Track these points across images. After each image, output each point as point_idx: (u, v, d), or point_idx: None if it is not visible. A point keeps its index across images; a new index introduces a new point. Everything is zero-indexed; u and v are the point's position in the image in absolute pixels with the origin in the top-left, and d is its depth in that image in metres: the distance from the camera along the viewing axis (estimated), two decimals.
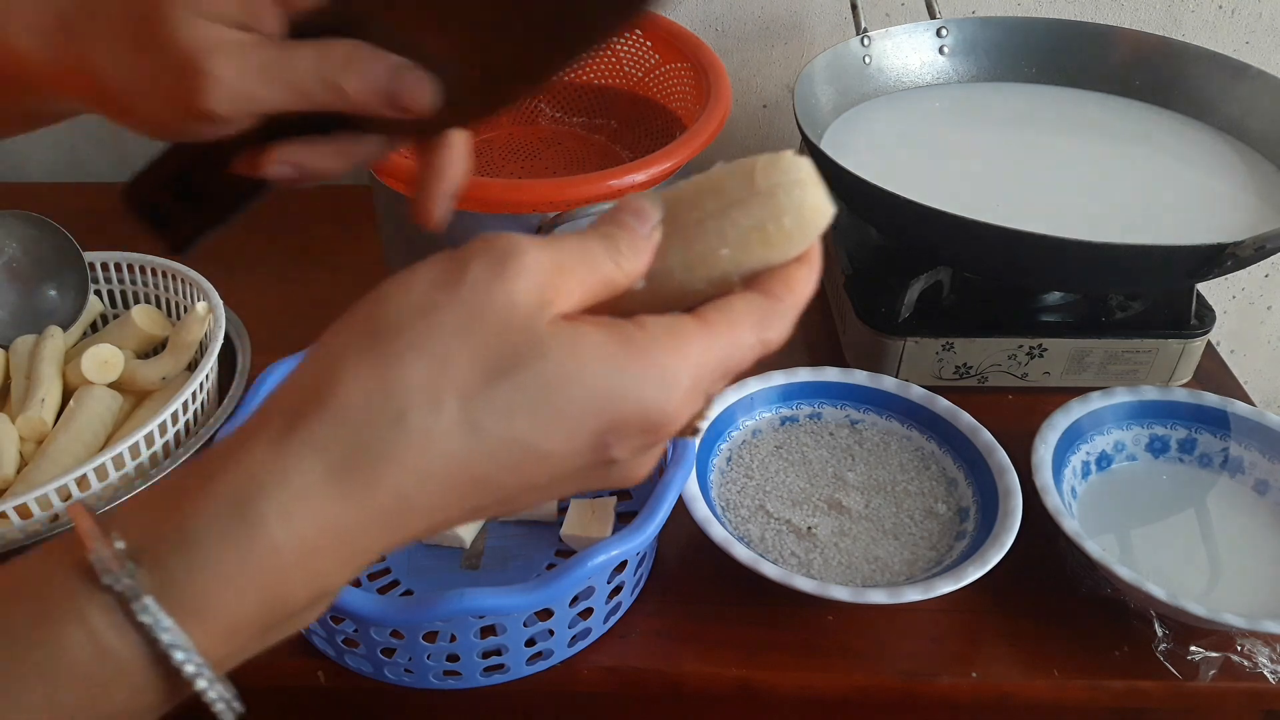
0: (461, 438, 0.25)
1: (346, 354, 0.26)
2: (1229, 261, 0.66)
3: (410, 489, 0.25)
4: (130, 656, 0.24)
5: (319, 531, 0.25)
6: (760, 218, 0.30)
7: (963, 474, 0.67)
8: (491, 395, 0.26)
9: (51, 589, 0.24)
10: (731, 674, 0.59)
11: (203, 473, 0.25)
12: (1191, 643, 0.59)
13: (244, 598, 0.25)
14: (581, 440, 0.27)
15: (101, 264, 0.80)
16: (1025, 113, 0.91)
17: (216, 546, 0.24)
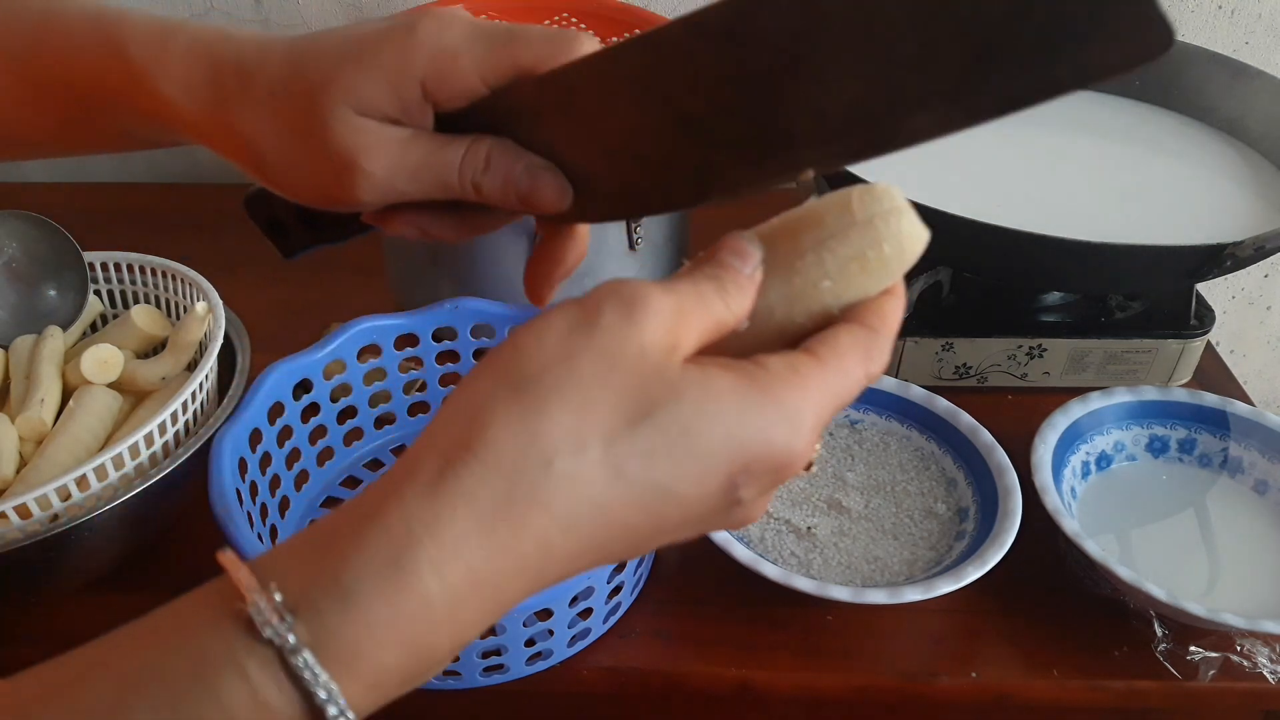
0: (605, 482, 0.26)
1: (493, 403, 0.26)
2: (1228, 262, 0.66)
3: (555, 537, 0.26)
4: (285, 709, 0.24)
5: (469, 583, 0.25)
6: (860, 246, 0.30)
7: (962, 474, 0.67)
8: (634, 439, 0.26)
9: (210, 639, 0.24)
10: (731, 674, 0.59)
11: (355, 521, 0.26)
12: (1191, 643, 0.59)
13: (394, 650, 0.25)
14: (716, 483, 0.27)
15: (101, 264, 0.80)
16: (1025, 113, 0.91)
17: (372, 599, 0.24)
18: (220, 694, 0.24)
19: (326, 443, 0.70)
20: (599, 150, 0.34)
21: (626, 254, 0.78)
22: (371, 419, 0.72)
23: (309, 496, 0.68)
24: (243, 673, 0.24)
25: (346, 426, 0.71)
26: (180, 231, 0.98)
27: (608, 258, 0.77)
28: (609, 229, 0.75)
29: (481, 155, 0.35)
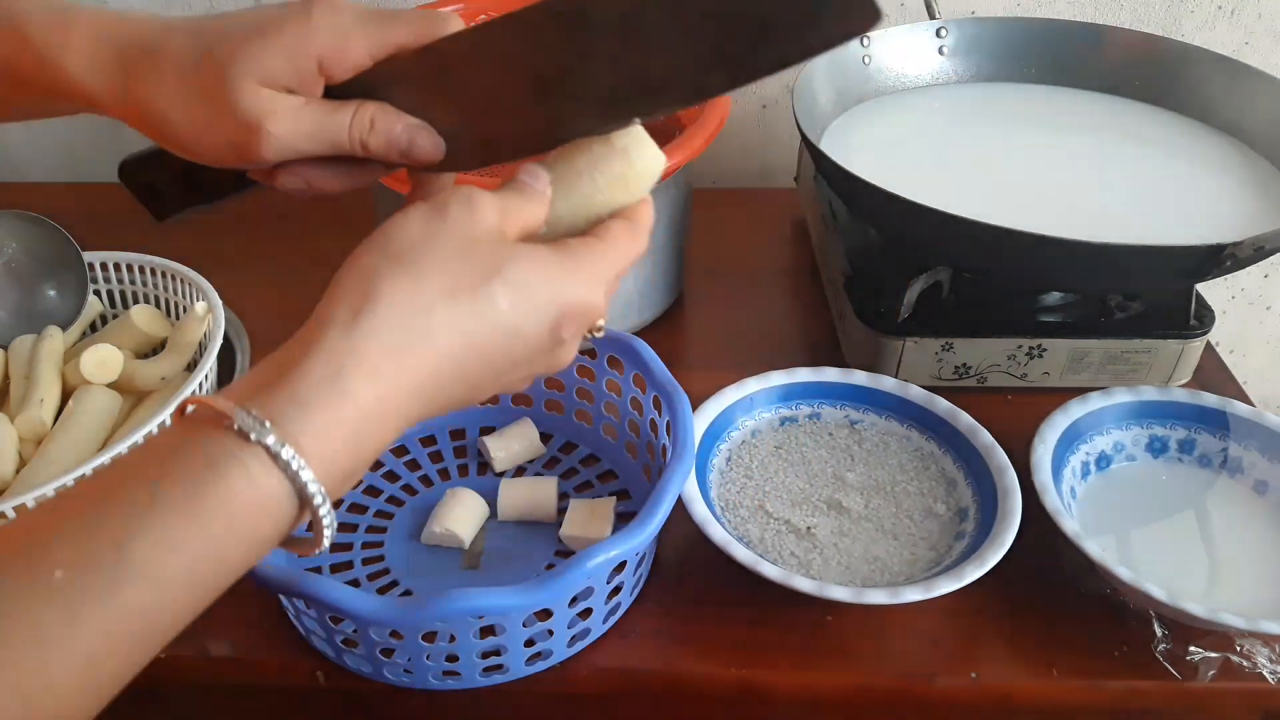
0: (474, 323, 0.35)
1: (381, 269, 0.35)
2: (1228, 262, 0.66)
3: (442, 365, 0.35)
4: (278, 491, 0.32)
5: (385, 398, 0.34)
6: (620, 169, 0.41)
7: (962, 474, 0.67)
8: (490, 291, 0.35)
9: (213, 447, 0.31)
10: (731, 674, 0.59)
11: (293, 359, 0.33)
12: (1191, 643, 0.59)
13: (341, 447, 0.33)
14: (547, 325, 0.37)
15: (101, 264, 0.80)
16: (1024, 113, 0.91)
17: (322, 408, 0.32)
18: (231, 483, 0.31)
19: None
20: (467, 109, 0.42)
21: None
22: None
23: None
24: (244, 467, 0.31)
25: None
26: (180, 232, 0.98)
27: None
28: None
29: (367, 117, 0.41)
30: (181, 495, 0.30)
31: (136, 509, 0.29)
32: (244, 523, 0.31)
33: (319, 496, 0.33)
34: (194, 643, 0.59)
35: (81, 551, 0.28)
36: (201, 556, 0.30)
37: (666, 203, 0.79)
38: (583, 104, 0.40)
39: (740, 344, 0.85)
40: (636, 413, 0.69)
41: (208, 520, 0.30)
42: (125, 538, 0.29)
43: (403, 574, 0.64)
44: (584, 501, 0.66)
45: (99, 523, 0.29)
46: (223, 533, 0.31)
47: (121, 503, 0.30)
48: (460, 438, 0.74)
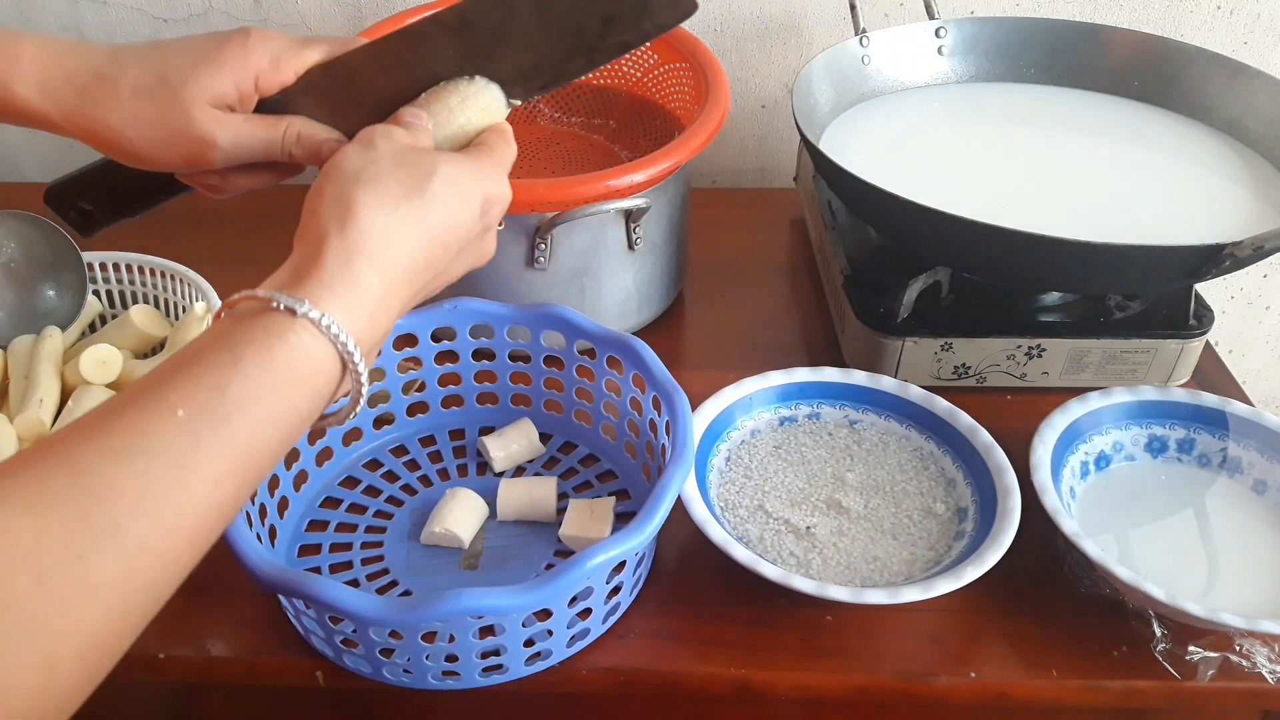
0: (426, 213, 0.43)
1: (347, 189, 0.42)
2: (1227, 262, 0.66)
3: (416, 251, 0.43)
4: (327, 353, 0.39)
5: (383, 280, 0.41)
6: (483, 102, 0.50)
7: (961, 474, 0.67)
8: (431, 188, 0.43)
9: (270, 324, 0.38)
10: (730, 674, 0.59)
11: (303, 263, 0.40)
12: (1190, 643, 0.59)
13: (363, 318, 0.40)
14: (477, 210, 0.45)
15: (100, 264, 0.80)
16: (1023, 113, 0.91)
17: (343, 290, 0.40)
18: (289, 351, 0.38)
19: (325, 443, 0.70)
20: (371, 109, 0.50)
21: (625, 253, 0.78)
22: (370, 419, 0.72)
23: (308, 496, 0.68)
24: (299, 337, 0.38)
25: (345, 427, 0.71)
26: (179, 232, 0.98)
27: (607, 258, 0.77)
28: (609, 231, 0.75)
29: (295, 132, 0.49)
30: (255, 358, 0.37)
31: (224, 368, 0.36)
32: (306, 378, 0.38)
33: (356, 355, 0.40)
34: (194, 642, 0.59)
35: (192, 397, 0.35)
36: (280, 403, 0.37)
37: (666, 202, 0.79)
38: None
39: (739, 344, 0.85)
40: (636, 413, 0.69)
41: (279, 374, 0.37)
42: (223, 385, 0.35)
43: (402, 574, 0.64)
44: (583, 501, 0.66)
45: (198, 378, 0.35)
46: (291, 385, 0.38)
47: (210, 365, 0.36)
48: (460, 438, 0.74)
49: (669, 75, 0.90)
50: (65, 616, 0.29)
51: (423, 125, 0.48)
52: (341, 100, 0.49)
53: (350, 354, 0.39)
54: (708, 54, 0.85)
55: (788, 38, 1.04)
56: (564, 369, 0.72)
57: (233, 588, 0.60)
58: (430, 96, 0.49)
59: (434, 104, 0.49)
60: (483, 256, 0.49)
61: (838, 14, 1.01)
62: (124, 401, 0.34)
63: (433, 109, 0.49)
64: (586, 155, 0.94)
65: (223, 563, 0.55)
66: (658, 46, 0.91)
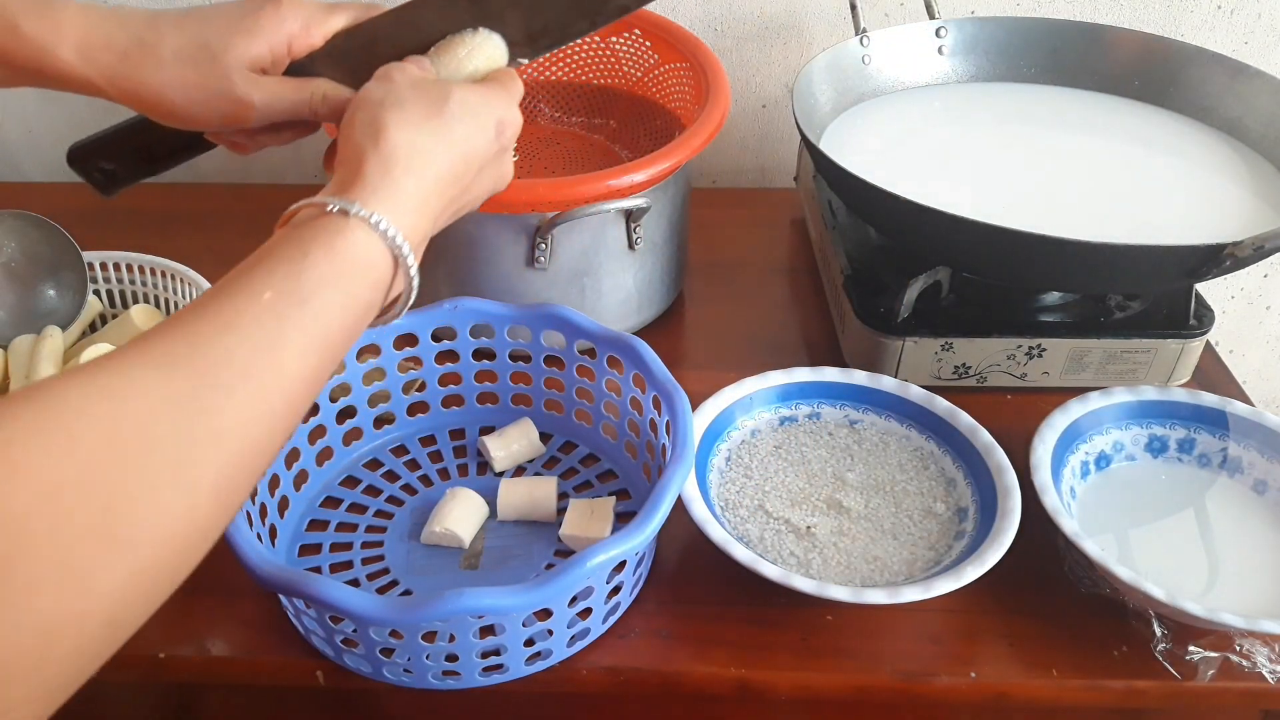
0: (447, 133, 0.47)
1: (376, 114, 0.46)
2: (1228, 261, 0.66)
3: (441, 165, 0.46)
4: (379, 250, 0.43)
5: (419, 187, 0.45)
6: (488, 50, 0.53)
7: (962, 474, 0.67)
8: (449, 111, 0.47)
9: (330, 225, 0.42)
10: (730, 674, 0.59)
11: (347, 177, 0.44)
12: (1190, 642, 0.59)
13: (407, 219, 0.44)
14: (492, 131, 0.49)
15: (100, 264, 0.80)
16: (1024, 113, 0.91)
17: (387, 196, 0.43)
18: (349, 249, 0.41)
19: (325, 443, 0.70)
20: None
21: (626, 253, 0.78)
22: (370, 419, 0.72)
23: (308, 496, 0.68)
24: (356, 236, 0.42)
25: (346, 426, 0.71)
26: (180, 231, 0.98)
27: (607, 257, 0.77)
28: (609, 231, 0.75)
29: (321, 94, 0.52)
30: (320, 251, 0.41)
31: (295, 261, 0.40)
32: (365, 269, 0.42)
33: (405, 249, 0.43)
34: (194, 642, 0.59)
35: (272, 284, 0.39)
36: (346, 289, 0.41)
37: (666, 202, 0.79)
38: None
39: (740, 344, 0.85)
40: (636, 412, 0.69)
41: (342, 264, 0.41)
42: (297, 273, 0.40)
43: (402, 574, 0.64)
44: (584, 501, 0.66)
45: (273, 269, 0.40)
46: (354, 274, 0.42)
47: (283, 259, 0.40)
48: (460, 437, 0.74)
49: (669, 75, 0.90)
50: (200, 458, 0.34)
51: (428, 67, 0.52)
52: (364, 63, 0.52)
53: (399, 248, 0.43)
54: (708, 54, 0.85)
55: (788, 37, 1.04)
56: (564, 369, 0.72)
57: (233, 587, 0.60)
58: (439, 49, 0.53)
59: (443, 55, 0.53)
60: (503, 178, 0.52)
61: (838, 14, 1.01)
62: (217, 292, 0.39)
63: (442, 59, 0.52)
64: (587, 155, 0.94)
65: (223, 562, 0.55)
66: (658, 46, 0.91)
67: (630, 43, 0.92)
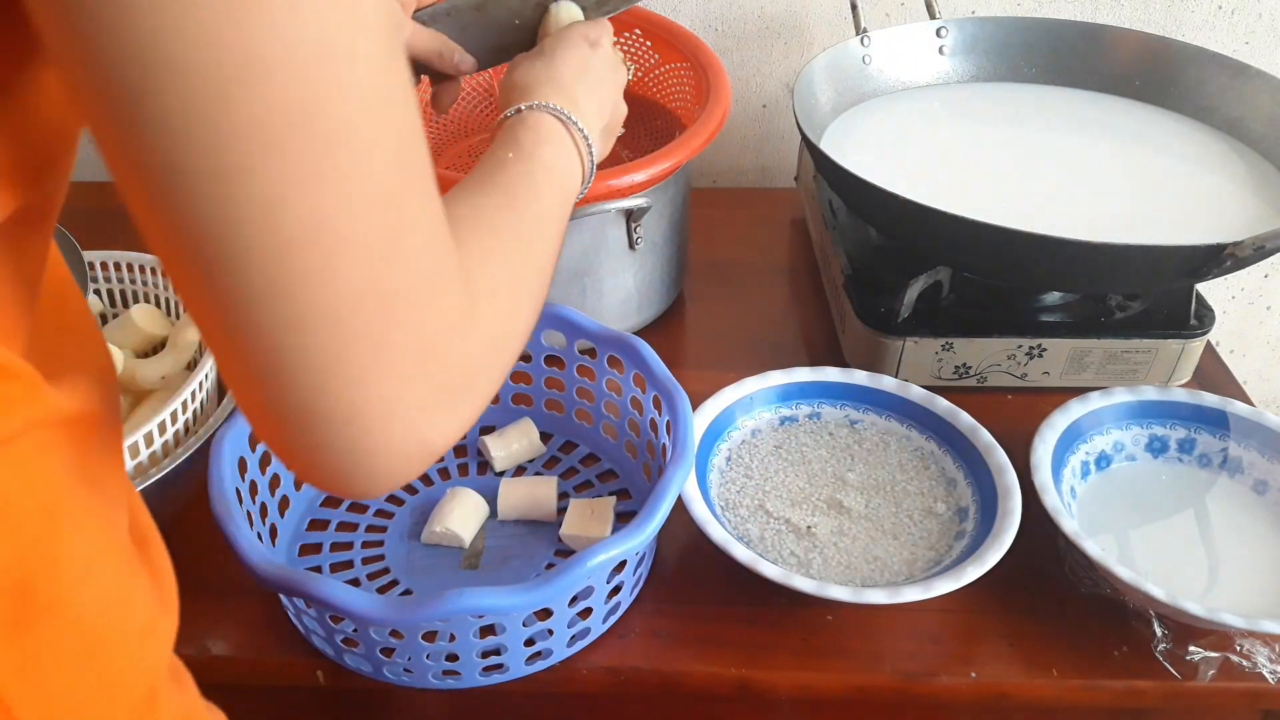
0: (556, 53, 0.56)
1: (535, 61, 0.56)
2: (1228, 262, 0.66)
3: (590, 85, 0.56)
4: (567, 138, 0.52)
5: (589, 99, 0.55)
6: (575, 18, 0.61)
7: (962, 474, 0.67)
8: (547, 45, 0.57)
9: (539, 115, 0.52)
10: (731, 674, 0.59)
11: (528, 94, 0.53)
12: (1190, 642, 0.59)
13: (592, 121, 0.54)
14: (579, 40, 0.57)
15: (101, 263, 0.80)
16: (1025, 113, 0.91)
17: (568, 103, 0.53)
18: (565, 147, 0.52)
19: None
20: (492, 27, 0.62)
21: (626, 253, 0.78)
22: None
23: (309, 496, 0.68)
24: (567, 137, 0.52)
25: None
26: None
27: (608, 257, 0.77)
28: (609, 231, 0.75)
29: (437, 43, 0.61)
30: (542, 134, 0.51)
31: (530, 145, 0.50)
32: (577, 159, 0.52)
33: (588, 136, 0.53)
34: (195, 641, 0.59)
35: (521, 156, 0.49)
36: (567, 165, 0.51)
37: (666, 202, 0.79)
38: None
39: (740, 343, 0.85)
40: (636, 412, 0.69)
41: (565, 152, 0.52)
42: (536, 151, 0.50)
43: (403, 573, 0.64)
44: (584, 501, 0.66)
45: (521, 147, 0.50)
46: (572, 160, 0.52)
47: (523, 142, 0.50)
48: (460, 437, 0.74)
49: (670, 75, 0.90)
50: (530, 269, 0.44)
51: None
52: (472, 22, 0.62)
53: (583, 133, 0.53)
54: (709, 53, 0.85)
55: (789, 37, 1.04)
56: (565, 368, 0.72)
57: (234, 587, 0.60)
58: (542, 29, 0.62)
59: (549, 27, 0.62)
60: (618, 68, 0.60)
61: (839, 13, 1.01)
62: (490, 168, 0.48)
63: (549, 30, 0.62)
64: None
65: (224, 562, 0.55)
66: (659, 46, 0.91)
67: (631, 42, 0.93)
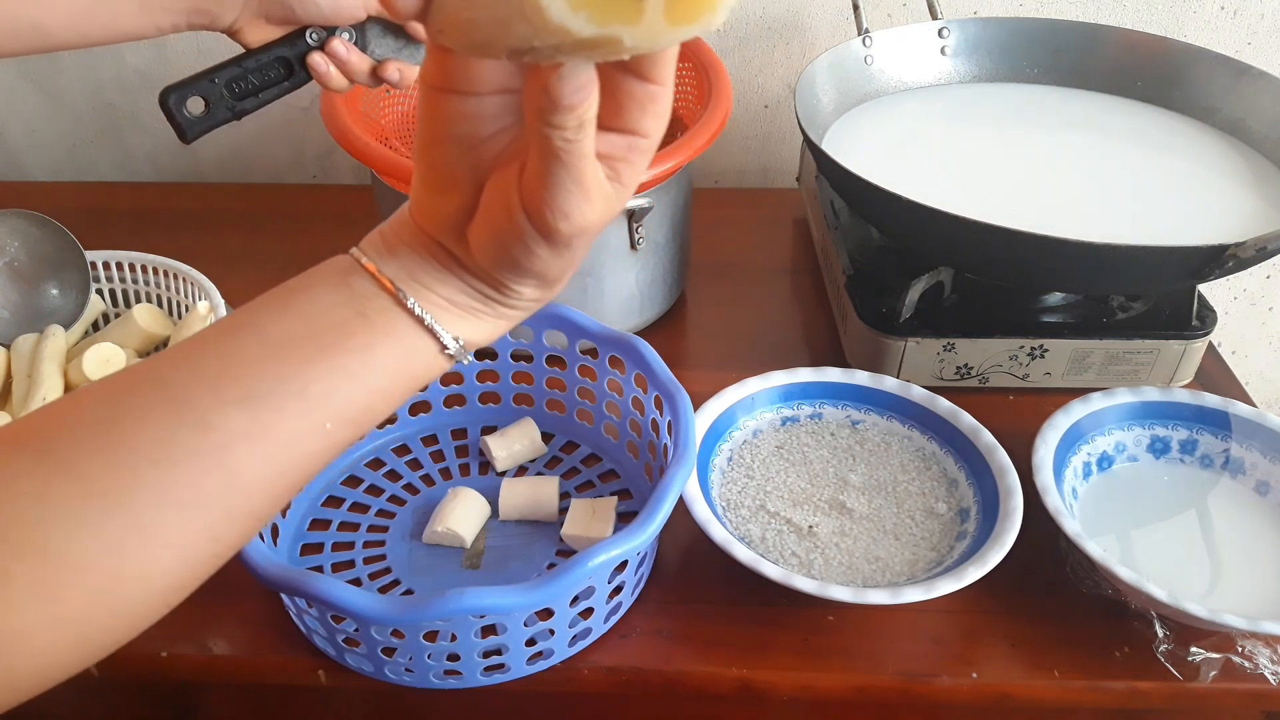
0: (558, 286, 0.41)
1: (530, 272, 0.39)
2: (1230, 262, 0.65)
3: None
4: (425, 348, 0.37)
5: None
6: None
7: (964, 474, 0.67)
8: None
9: (373, 316, 0.37)
10: (732, 674, 0.59)
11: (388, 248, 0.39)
12: (1192, 644, 0.59)
13: (457, 321, 0.38)
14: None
15: (103, 263, 0.80)
16: (1026, 113, 0.91)
17: (435, 292, 0.38)
18: (392, 342, 0.37)
19: None
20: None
21: (628, 254, 0.78)
22: None
23: (310, 495, 0.68)
24: (400, 336, 0.37)
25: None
26: (182, 230, 0.98)
27: (610, 257, 0.77)
28: (611, 231, 0.75)
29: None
30: (359, 345, 0.36)
31: (328, 356, 0.36)
32: (404, 365, 0.38)
33: (454, 347, 0.39)
34: (196, 641, 0.59)
35: (316, 385, 0.35)
36: (387, 381, 0.38)
37: (668, 202, 0.79)
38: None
39: (742, 344, 0.85)
40: (638, 412, 0.69)
41: (377, 366, 0.37)
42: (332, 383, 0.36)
43: (404, 573, 0.64)
44: (585, 501, 0.66)
45: (314, 363, 0.36)
46: (391, 368, 0.37)
47: (318, 350, 0.36)
48: (462, 437, 0.74)
49: None
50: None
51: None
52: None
53: (454, 353, 0.40)
54: (710, 54, 0.85)
55: (791, 38, 1.04)
56: (566, 369, 0.72)
57: (235, 586, 0.60)
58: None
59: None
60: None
61: (841, 14, 1.01)
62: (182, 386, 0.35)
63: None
64: None
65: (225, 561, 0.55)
66: None
67: None
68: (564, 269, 0.38)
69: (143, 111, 1.09)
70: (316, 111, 1.07)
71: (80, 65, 1.06)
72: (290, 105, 1.08)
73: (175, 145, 1.11)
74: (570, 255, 0.37)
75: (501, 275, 0.38)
